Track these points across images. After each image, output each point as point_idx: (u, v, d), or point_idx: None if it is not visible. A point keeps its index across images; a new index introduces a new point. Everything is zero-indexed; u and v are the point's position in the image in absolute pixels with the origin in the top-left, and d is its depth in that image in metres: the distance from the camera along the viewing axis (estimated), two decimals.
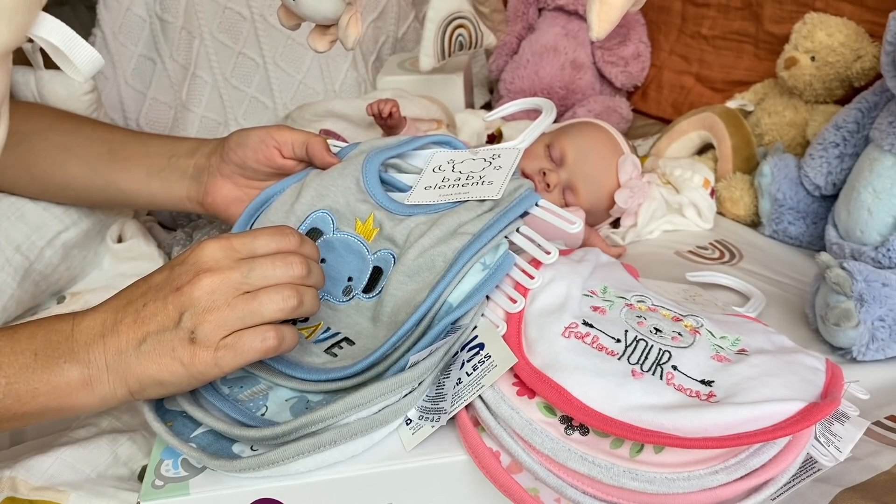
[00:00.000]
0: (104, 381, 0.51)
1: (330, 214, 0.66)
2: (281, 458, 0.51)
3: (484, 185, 0.64)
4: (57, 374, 0.50)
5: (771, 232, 0.98)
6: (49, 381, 0.50)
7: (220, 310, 0.50)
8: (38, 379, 0.50)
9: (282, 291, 0.52)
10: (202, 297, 0.51)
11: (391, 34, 1.39)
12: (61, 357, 0.51)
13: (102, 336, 0.51)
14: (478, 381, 0.55)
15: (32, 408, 0.50)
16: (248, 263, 0.52)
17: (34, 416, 0.51)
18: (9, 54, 0.48)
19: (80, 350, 0.51)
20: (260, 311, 0.51)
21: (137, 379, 0.51)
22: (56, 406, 0.51)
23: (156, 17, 1.19)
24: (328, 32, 0.72)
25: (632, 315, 0.60)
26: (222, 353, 0.51)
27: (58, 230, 0.79)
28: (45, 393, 0.50)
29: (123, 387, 0.52)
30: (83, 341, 0.51)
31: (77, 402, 0.51)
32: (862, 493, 0.57)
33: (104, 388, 0.51)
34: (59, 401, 0.51)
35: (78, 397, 0.51)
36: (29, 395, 0.50)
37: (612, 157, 0.95)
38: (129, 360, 0.51)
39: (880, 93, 0.89)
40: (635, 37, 1.33)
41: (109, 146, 0.76)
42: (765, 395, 0.51)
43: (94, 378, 0.51)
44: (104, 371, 0.51)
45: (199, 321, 0.50)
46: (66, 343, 0.51)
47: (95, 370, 0.51)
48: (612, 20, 0.66)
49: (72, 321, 0.53)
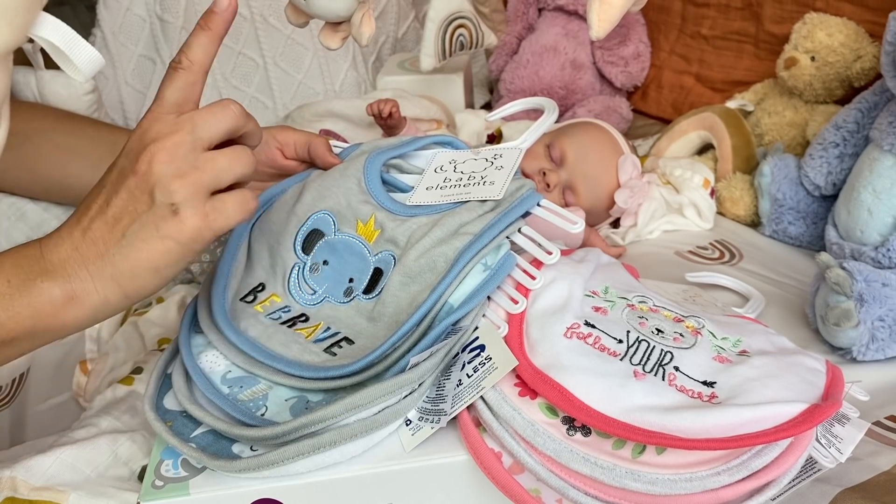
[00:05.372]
0: (92, 291, 0.50)
1: (331, 215, 0.66)
2: (281, 459, 0.51)
3: (486, 186, 0.64)
4: (36, 294, 0.49)
5: (771, 232, 0.98)
6: (30, 303, 0.49)
7: (191, 173, 0.49)
8: (18, 303, 0.49)
9: (242, 151, 0.51)
10: (164, 168, 0.49)
11: (391, 34, 1.39)
12: (37, 278, 0.50)
13: (76, 248, 0.50)
14: (478, 382, 0.55)
15: (19, 332, 0.50)
16: (188, 119, 0.51)
17: (24, 340, 0.50)
18: (9, 54, 0.48)
19: (56, 268, 0.50)
20: (230, 168, 0.51)
21: (130, 275, 0.50)
22: (44, 327, 0.50)
23: (156, 17, 1.19)
24: (339, 29, 0.72)
25: (633, 316, 0.60)
26: (213, 216, 0.50)
27: None
28: (29, 316, 0.49)
29: (116, 289, 0.50)
30: (57, 259, 0.50)
31: (67, 319, 0.50)
32: (862, 493, 0.57)
33: (94, 299, 0.50)
34: (47, 321, 0.50)
35: (66, 314, 0.50)
36: (13, 322, 0.49)
37: (612, 157, 0.95)
38: (115, 260, 0.50)
39: (880, 93, 0.90)
40: (635, 37, 1.33)
41: (111, 146, 0.75)
42: (766, 397, 0.51)
43: (78, 291, 0.50)
44: (89, 280, 0.50)
45: (174, 190, 0.49)
46: (39, 264, 0.50)
47: (78, 282, 0.50)
48: (612, 20, 0.66)
49: (38, 245, 0.51)
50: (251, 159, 0.52)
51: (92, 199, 0.52)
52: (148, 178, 0.49)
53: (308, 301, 0.63)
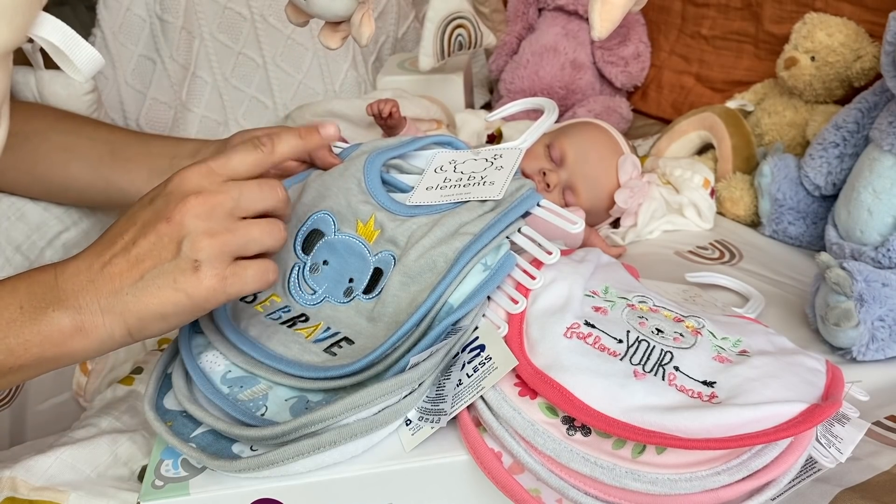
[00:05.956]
0: (99, 325, 0.51)
1: (331, 216, 0.66)
2: (281, 459, 0.51)
3: (486, 186, 0.64)
4: (46, 323, 0.50)
5: (771, 232, 0.98)
6: (40, 331, 0.50)
7: (222, 234, 0.50)
8: (28, 331, 0.50)
9: (272, 225, 0.53)
10: (198, 223, 0.50)
11: (391, 34, 1.39)
12: (49, 306, 0.50)
13: (92, 281, 0.51)
14: (478, 382, 0.55)
15: (27, 360, 0.50)
16: (237, 187, 0.52)
17: (31, 367, 0.51)
18: (9, 54, 0.48)
19: (69, 297, 0.51)
20: (260, 239, 0.52)
21: (137, 316, 0.51)
22: (51, 356, 0.50)
23: (156, 17, 1.19)
24: (339, 29, 0.72)
25: (633, 316, 0.60)
26: (231, 280, 0.51)
27: (58, 230, 0.79)
28: (37, 344, 0.50)
29: (122, 327, 0.51)
30: (70, 289, 0.51)
31: (73, 350, 0.51)
32: (862, 493, 0.57)
33: (100, 332, 0.51)
34: (54, 349, 0.50)
35: (72, 344, 0.51)
36: (21, 348, 0.49)
37: (612, 157, 0.95)
38: (127, 300, 0.50)
39: (880, 93, 0.90)
40: (635, 37, 1.33)
41: (111, 147, 0.75)
42: (767, 397, 0.51)
43: (87, 323, 0.50)
44: (98, 314, 0.50)
45: (201, 247, 0.50)
46: (52, 292, 0.51)
47: (88, 315, 0.50)
48: (614, 19, 0.66)
49: (53, 271, 0.52)
50: (282, 235, 0.54)
51: (118, 234, 0.52)
52: (180, 229, 0.50)
53: (308, 301, 0.63)
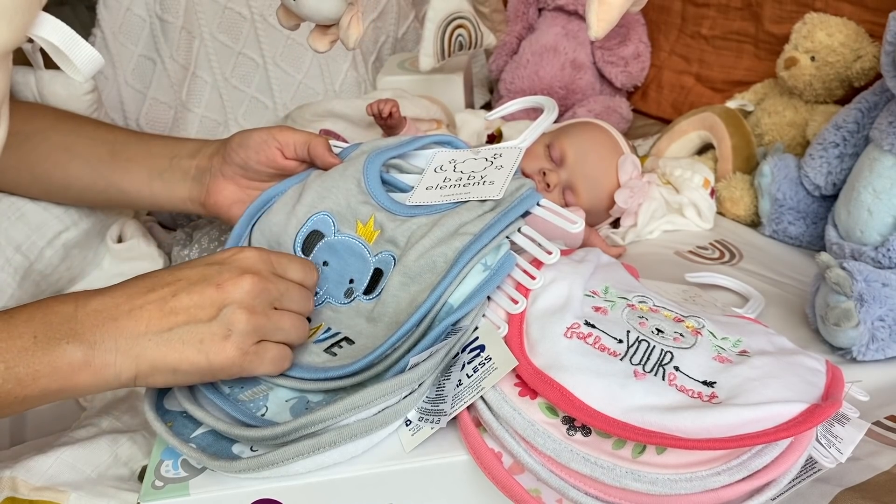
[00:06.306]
0: (109, 364, 0.51)
1: (331, 216, 0.66)
2: (281, 459, 0.51)
3: (485, 185, 0.64)
4: (59, 355, 0.50)
5: (771, 232, 0.98)
6: (50, 362, 0.50)
7: (258, 316, 0.53)
8: (38, 361, 0.50)
9: (302, 322, 0.57)
10: (244, 297, 0.53)
11: (391, 34, 1.39)
12: (63, 338, 0.50)
13: (115, 319, 0.51)
14: (478, 382, 0.55)
15: (34, 391, 0.50)
16: (285, 284, 0.56)
17: (36, 398, 0.51)
18: (9, 54, 0.48)
19: (86, 331, 0.51)
20: (288, 332, 0.56)
21: (151, 364, 0.51)
22: (57, 388, 0.51)
23: (156, 17, 1.19)
24: (328, 32, 0.72)
25: (633, 316, 0.60)
26: (251, 357, 0.53)
27: (58, 230, 0.78)
28: (46, 375, 0.50)
29: (131, 370, 0.51)
30: (90, 323, 0.51)
31: (76, 384, 0.51)
32: (862, 494, 0.57)
33: (108, 371, 0.51)
34: (61, 382, 0.50)
35: (77, 379, 0.51)
36: (30, 378, 0.49)
37: (612, 157, 0.95)
38: (147, 345, 0.51)
39: (880, 93, 0.90)
40: (635, 37, 1.33)
41: (111, 147, 0.75)
42: (767, 397, 0.51)
43: (97, 360, 0.51)
44: (112, 353, 0.51)
45: (238, 319, 0.52)
46: (69, 324, 0.51)
47: (101, 352, 0.51)
48: (610, 20, 0.66)
49: (75, 303, 0.52)
50: (306, 333, 0.58)
51: (159, 284, 0.54)
52: (227, 297, 0.53)
53: None
